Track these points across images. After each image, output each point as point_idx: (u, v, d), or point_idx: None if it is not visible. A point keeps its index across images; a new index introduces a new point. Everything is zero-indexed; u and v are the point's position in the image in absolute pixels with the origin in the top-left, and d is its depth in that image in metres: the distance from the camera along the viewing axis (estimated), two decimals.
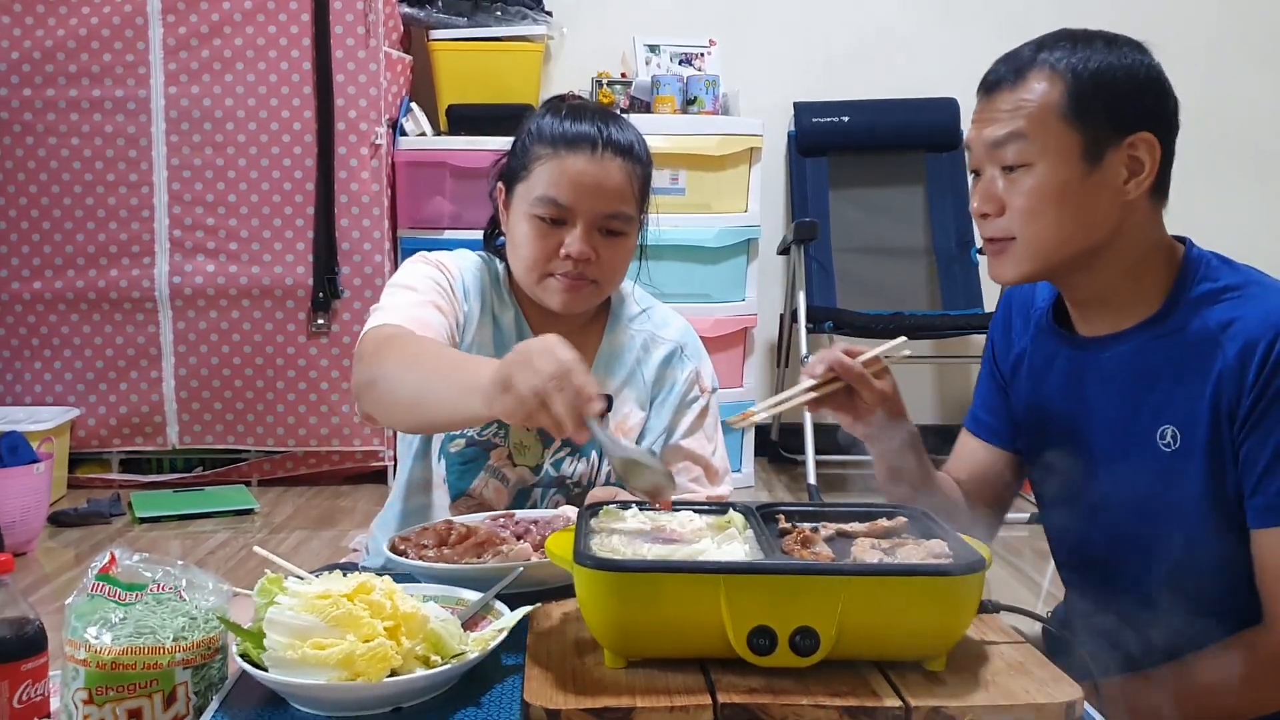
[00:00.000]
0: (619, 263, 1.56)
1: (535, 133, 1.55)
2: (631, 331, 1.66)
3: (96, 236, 3.73)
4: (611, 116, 1.56)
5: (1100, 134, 1.24)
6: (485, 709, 0.97)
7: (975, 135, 1.30)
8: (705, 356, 1.69)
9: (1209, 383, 1.24)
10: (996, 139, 1.27)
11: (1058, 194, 1.25)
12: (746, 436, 3.99)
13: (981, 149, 1.29)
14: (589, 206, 1.50)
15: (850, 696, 0.93)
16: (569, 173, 1.50)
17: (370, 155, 3.73)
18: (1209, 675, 1.26)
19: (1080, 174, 1.25)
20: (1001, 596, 1.12)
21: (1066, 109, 1.24)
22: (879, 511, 1.18)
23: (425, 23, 3.94)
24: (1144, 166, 1.26)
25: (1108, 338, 1.33)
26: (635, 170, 1.54)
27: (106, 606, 1.05)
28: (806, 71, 4.31)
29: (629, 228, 1.54)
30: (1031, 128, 1.25)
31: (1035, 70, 1.26)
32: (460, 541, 1.30)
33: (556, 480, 1.61)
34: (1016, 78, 1.27)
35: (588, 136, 1.51)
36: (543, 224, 1.51)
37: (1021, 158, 1.25)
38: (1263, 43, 4.33)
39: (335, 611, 0.95)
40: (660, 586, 0.95)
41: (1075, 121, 1.24)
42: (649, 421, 1.65)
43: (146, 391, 3.79)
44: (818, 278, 4.06)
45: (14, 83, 3.69)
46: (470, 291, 1.58)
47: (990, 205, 1.29)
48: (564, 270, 1.52)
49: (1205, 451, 1.24)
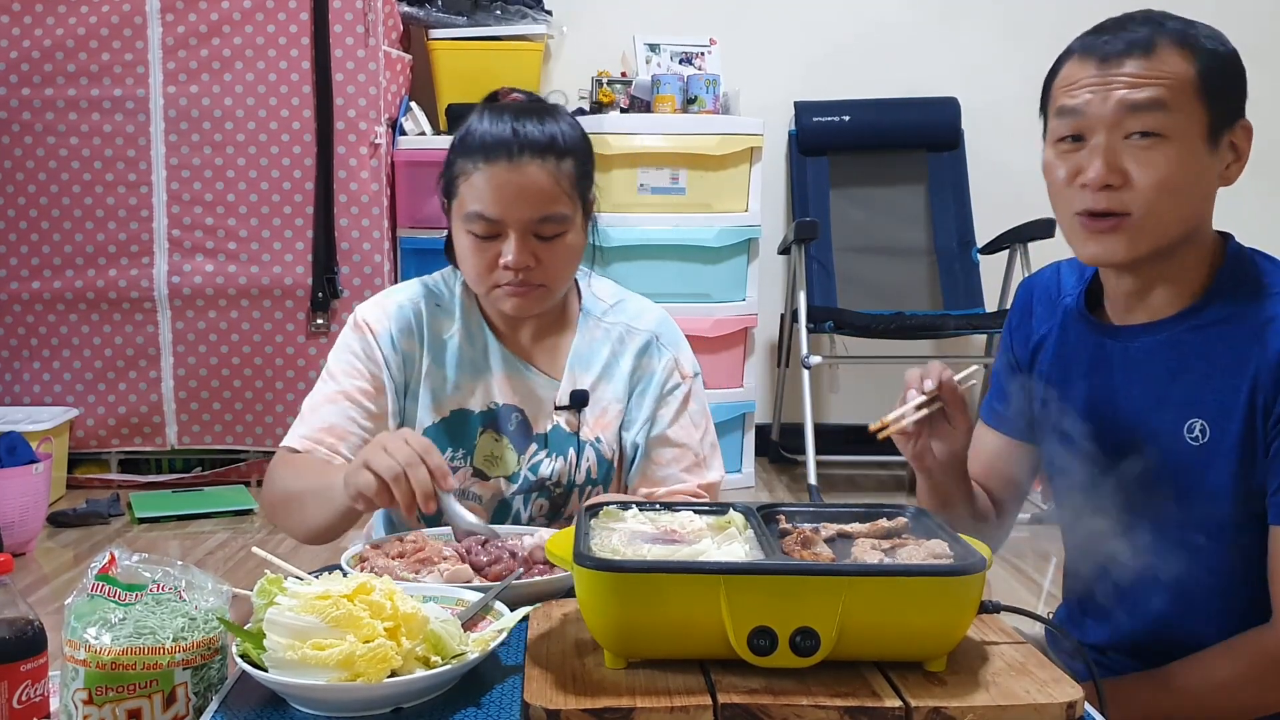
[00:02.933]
0: (563, 262, 1.55)
1: (459, 146, 1.55)
2: (605, 325, 1.65)
3: (95, 236, 3.73)
4: (532, 112, 1.54)
5: (1221, 117, 1.23)
6: (485, 709, 0.96)
7: (1097, 98, 1.22)
8: (683, 343, 1.68)
9: (1246, 378, 1.22)
10: (1134, 102, 1.21)
11: (1188, 171, 1.22)
12: (747, 437, 3.99)
13: (1108, 112, 1.22)
14: (516, 215, 1.49)
15: (850, 697, 0.93)
16: (490, 185, 1.49)
17: (369, 155, 3.72)
18: (1214, 673, 1.25)
19: (1204, 154, 1.23)
20: (1001, 596, 1.12)
21: (1200, 87, 1.21)
22: (879, 512, 1.18)
23: (425, 22, 3.94)
24: (1240, 153, 1.26)
25: (1140, 327, 1.31)
26: (561, 166, 1.51)
27: (106, 607, 1.04)
28: (807, 71, 4.31)
29: (565, 226, 1.52)
30: (1173, 98, 1.21)
31: (1167, 42, 1.22)
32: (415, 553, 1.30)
33: (535, 484, 1.60)
34: (1147, 48, 1.22)
35: (503, 143, 1.49)
36: (477, 239, 1.52)
37: (1158, 127, 1.21)
38: (1260, 40, 4.33)
39: (335, 612, 0.95)
40: (660, 587, 0.95)
41: (1206, 100, 1.22)
42: (630, 413, 1.63)
43: (145, 391, 3.79)
44: (818, 277, 4.05)
45: (13, 82, 3.69)
46: (400, 336, 1.59)
47: (1116, 176, 1.22)
48: (507, 280, 1.51)
49: (1236, 446, 1.23)
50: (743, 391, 3.93)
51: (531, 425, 1.61)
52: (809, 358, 3.75)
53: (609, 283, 1.72)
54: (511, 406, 1.60)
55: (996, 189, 4.13)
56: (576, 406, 1.60)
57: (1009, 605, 1.12)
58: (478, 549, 1.29)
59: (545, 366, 1.62)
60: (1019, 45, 4.10)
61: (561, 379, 1.61)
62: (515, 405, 1.60)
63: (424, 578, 1.22)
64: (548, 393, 1.61)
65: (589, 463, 1.61)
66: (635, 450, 1.63)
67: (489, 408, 1.60)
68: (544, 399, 1.61)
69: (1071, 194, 1.26)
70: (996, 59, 4.20)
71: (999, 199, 4.07)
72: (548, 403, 1.61)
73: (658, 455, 1.63)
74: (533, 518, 1.61)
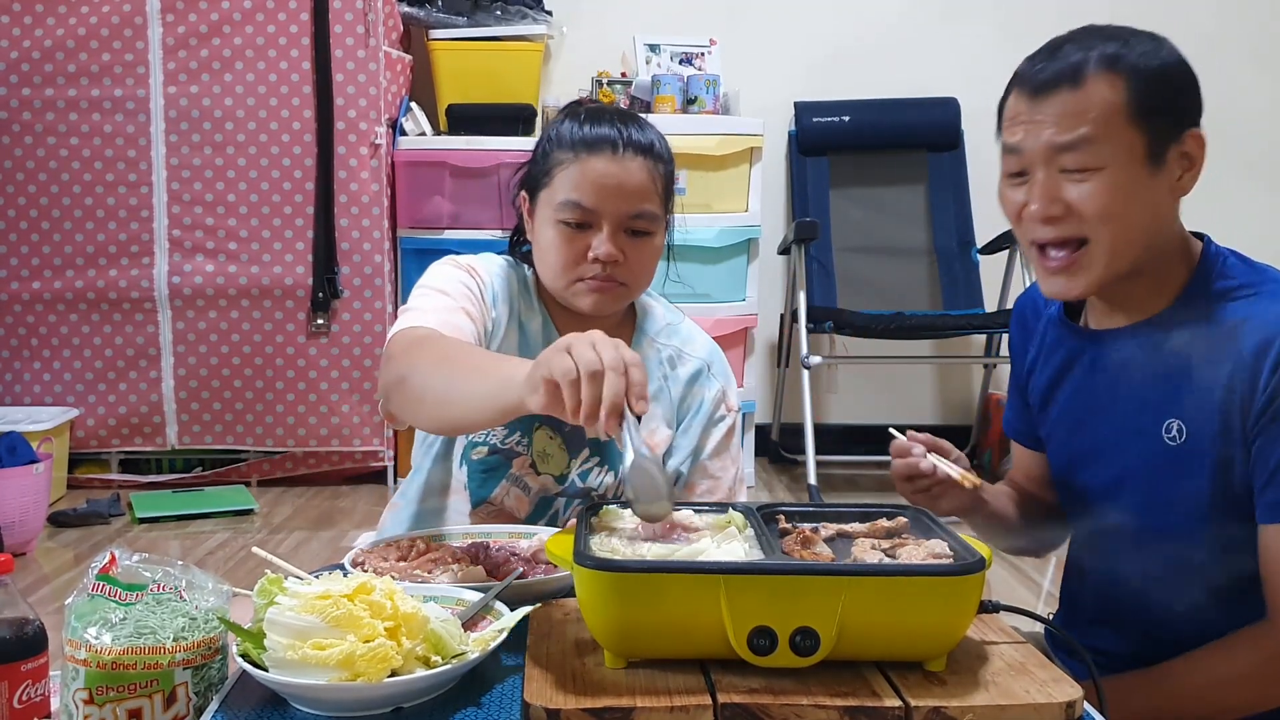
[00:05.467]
0: (646, 262, 1.56)
1: (555, 139, 1.54)
2: (658, 345, 1.65)
3: (95, 236, 3.73)
4: (630, 117, 1.56)
5: (1162, 133, 1.22)
6: (485, 709, 0.97)
7: (1029, 137, 1.24)
8: (731, 376, 1.69)
9: (1221, 379, 1.23)
10: (1061, 144, 1.22)
11: (1131, 194, 1.22)
12: (746, 437, 3.99)
13: (1039, 152, 1.24)
14: (613, 208, 1.50)
15: (850, 697, 0.93)
16: (591, 175, 1.50)
17: (370, 155, 3.73)
18: (1212, 671, 1.26)
19: (1147, 174, 1.22)
20: (1001, 596, 1.12)
21: (1132, 110, 1.21)
22: (879, 511, 1.18)
23: (425, 22, 3.94)
24: (1194, 162, 1.25)
25: (1118, 330, 1.32)
26: (657, 169, 1.54)
27: (106, 607, 1.04)
28: (807, 71, 4.31)
29: (654, 227, 1.54)
30: (1100, 132, 1.20)
31: (1095, 70, 1.21)
32: (419, 556, 1.30)
33: (581, 491, 1.60)
34: (1075, 78, 1.21)
35: (608, 138, 1.51)
36: (568, 229, 1.51)
37: (1090, 162, 1.21)
38: (1260, 40, 4.33)
39: (335, 612, 0.95)
40: (660, 586, 0.95)
41: (1141, 122, 1.21)
42: (676, 440, 1.63)
43: (145, 392, 3.79)
44: (818, 277, 4.05)
45: (13, 82, 3.69)
46: (499, 297, 1.57)
47: (1058, 207, 1.23)
48: (593, 273, 1.51)
49: (1213, 447, 1.24)
50: (743, 391, 3.92)
51: (586, 431, 1.60)
52: (809, 358, 3.75)
53: (664, 303, 1.72)
54: None
55: (996, 189, 4.12)
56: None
57: (1009, 605, 1.12)
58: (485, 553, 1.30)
59: None
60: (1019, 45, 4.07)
61: None
62: None
63: (438, 577, 1.23)
64: None
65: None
66: (679, 478, 1.63)
67: None
68: None
69: (1025, 226, 1.29)
70: (996, 59, 4.15)
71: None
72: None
73: (694, 485, 1.64)
74: (569, 522, 1.61)
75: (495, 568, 1.26)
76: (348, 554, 1.30)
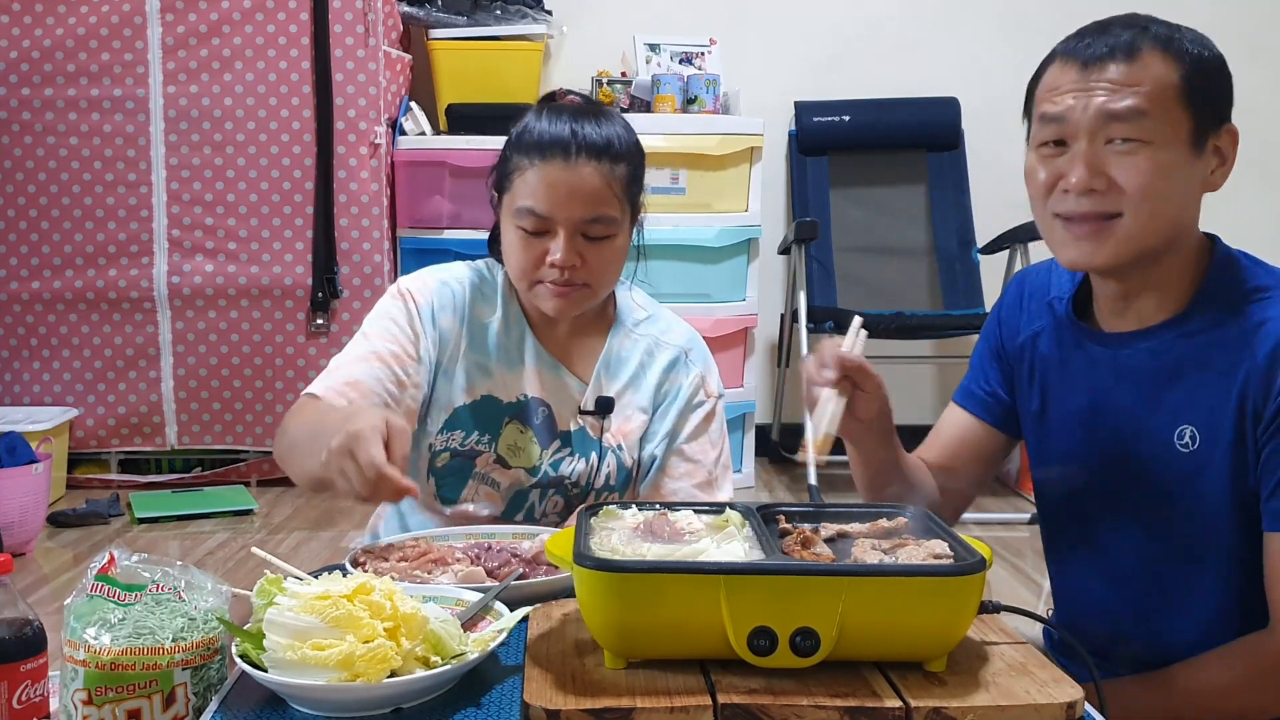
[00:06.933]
0: (608, 264, 1.56)
1: (515, 141, 1.55)
2: (635, 336, 1.66)
3: (95, 236, 3.73)
4: (590, 114, 1.55)
5: (1206, 122, 1.23)
6: (485, 710, 0.96)
7: (1079, 104, 1.22)
8: (711, 362, 1.69)
9: (1235, 383, 1.22)
10: (1115, 111, 1.20)
11: (1172, 176, 1.21)
12: (746, 437, 3.99)
13: (1089, 119, 1.22)
14: (567, 214, 1.50)
15: (850, 697, 0.93)
16: (544, 182, 1.50)
17: (369, 154, 3.72)
18: (1213, 678, 1.25)
19: (1188, 159, 1.22)
20: (1002, 596, 1.12)
21: (1183, 92, 1.21)
22: (879, 512, 1.18)
23: (425, 22, 3.94)
24: (1225, 159, 1.25)
25: (1130, 334, 1.31)
26: (615, 169, 1.52)
27: (105, 607, 1.04)
28: (807, 70, 4.31)
29: (613, 229, 1.54)
30: (1152, 107, 1.20)
31: (1150, 47, 1.21)
32: (419, 556, 1.30)
33: (555, 480, 1.61)
34: (1130, 51, 1.21)
35: (560, 141, 1.50)
36: (526, 234, 1.52)
37: (1140, 133, 1.20)
38: (1259, 37, 4.33)
39: (335, 612, 0.95)
40: (660, 587, 0.95)
41: (1189, 106, 1.21)
42: (652, 425, 1.65)
43: (145, 392, 3.79)
44: (818, 277, 4.06)
45: (12, 82, 3.69)
46: (441, 310, 1.59)
47: (1100, 181, 1.22)
48: (552, 278, 1.52)
49: (1227, 453, 1.23)
50: (743, 391, 3.93)
51: (557, 422, 1.62)
52: (809, 358, 3.75)
53: (645, 294, 1.72)
54: (539, 401, 1.61)
55: (996, 189, 4.12)
56: (601, 412, 1.62)
57: (1009, 605, 1.12)
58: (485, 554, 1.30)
59: (576, 367, 1.63)
60: (1019, 45, 4.07)
61: (589, 383, 1.62)
62: (543, 400, 1.61)
63: (438, 578, 1.23)
64: (575, 393, 1.62)
65: (609, 468, 1.62)
66: (652, 462, 1.64)
67: (518, 399, 1.61)
68: (571, 399, 1.62)
69: (1055, 198, 1.26)
70: (996, 59, 4.20)
71: (999, 199, 4.07)
72: (574, 403, 1.62)
73: (671, 468, 1.64)
74: (545, 514, 1.62)
75: (495, 568, 1.26)
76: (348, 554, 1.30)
